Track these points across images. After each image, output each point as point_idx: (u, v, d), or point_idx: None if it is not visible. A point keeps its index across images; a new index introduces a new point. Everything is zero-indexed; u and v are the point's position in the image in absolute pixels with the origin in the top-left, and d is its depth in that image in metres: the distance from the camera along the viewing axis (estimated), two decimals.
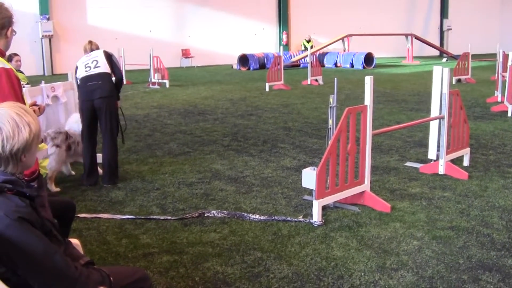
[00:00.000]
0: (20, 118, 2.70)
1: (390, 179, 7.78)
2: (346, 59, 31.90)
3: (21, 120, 2.70)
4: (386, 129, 8.13)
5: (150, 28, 32.24)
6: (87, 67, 7.71)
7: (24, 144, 2.70)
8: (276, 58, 21.09)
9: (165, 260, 5.11)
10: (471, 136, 9.78)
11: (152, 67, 22.18)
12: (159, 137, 11.10)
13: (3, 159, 2.69)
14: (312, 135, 11.10)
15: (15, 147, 2.67)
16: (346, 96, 17.42)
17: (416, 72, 27.67)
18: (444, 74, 7.79)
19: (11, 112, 2.70)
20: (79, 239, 3.99)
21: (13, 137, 2.66)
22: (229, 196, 7.10)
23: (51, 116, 8.64)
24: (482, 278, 4.68)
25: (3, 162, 2.70)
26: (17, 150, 2.69)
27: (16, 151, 2.68)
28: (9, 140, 2.65)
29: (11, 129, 2.66)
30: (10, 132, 2.66)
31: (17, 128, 2.67)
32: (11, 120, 2.67)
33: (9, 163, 2.71)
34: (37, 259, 2.60)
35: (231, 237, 5.68)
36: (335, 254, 5.22)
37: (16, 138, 2.67)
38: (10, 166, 2.72)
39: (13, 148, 2.67)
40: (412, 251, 5.27)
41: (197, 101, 17.09)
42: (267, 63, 29.60)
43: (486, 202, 6.74)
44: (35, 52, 28.57)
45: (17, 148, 2.68)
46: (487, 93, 17.48)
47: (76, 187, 7.66)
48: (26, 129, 2.70)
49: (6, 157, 2.68)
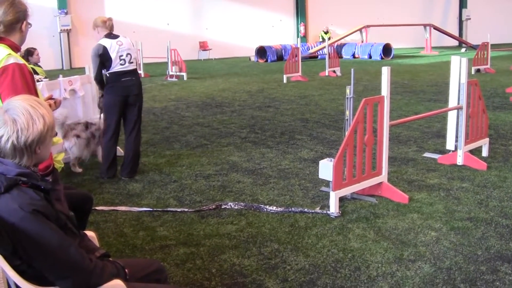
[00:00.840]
0: (34, 110, 2.70)
1: (408, 170, 7.73)
2: (364, 50, 31.80)
3: (36, 112, 2.71)
4: (404, 120, 8.09)
5: (167, 21, 32.30)
6: (121, 60, 7.52)
7: (38, 136, 2.70)
8: (293, 49, 21.02)
9: (182, 252, 5.12)
10: (490, 127, 9.71)
11: (170, 60, 22.18)
12: (176, 130, 11.12)
13: (18, 151, 2.70)
14: (329, 127, 11.07)
15: (29, 138, 2.68)
16: (364, 87, 17.35)
17: (435, 63, 27.49)
18: (462, 64, 7.72)
19: (26, 104, 2.71)
20: (96, 231, 4.01)
21: (27, 129, 2.67)
22: (246, 188, 7.10)
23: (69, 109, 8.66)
24: (501, 269, 4.64)
25: (18, 154, 2.71)
26: (31, 142, 2.69)
27: (30, 143, 2.69)
28: (24, 132, 2.66)
29: (26, 121, 2.67)
30: (24, 124, 2.66)
31: (32, 120, 2.68)
32: (25, 112, 2.68)
33: (23, 155, 2.72)
34: (52, 252, 2.61)
35: (248, 229, 5.68)
36: (352, 245, 5.20)
37: (30, 130, 2.67)
38: (24, 158, 2.73)
39: (28, 140, 2.67)
40: (430, 242, 5.24)
41: (214, 93, 17.10)
42: (285, 55, 29.59)
43: (505, 193, 6.68)
44: (54, 46, 28.73)
45: (32, 139, 2.69)
46: (506, 83, 17.33)
47: (93, 180, 7.70)
48: (40, 121, 2.70)
49: (21, 148, 2.69)
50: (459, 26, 45.21)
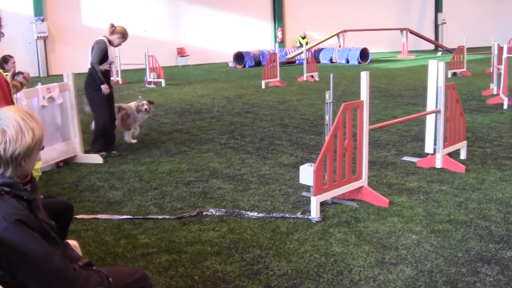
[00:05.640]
0: (24, 123, 2.69)
1: (388, 174, 7.78)
2: (342, 54, 31.91)
3: (26, 124, 2.69)
4: (383, 124, 8.13)
5: (145, 27, 32.18)
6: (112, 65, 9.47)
7: (26, 149, 2.69)
8: (271, 55, 21.07)
9: (164, 260, 5.11)
10: (468, 129, 9.80)
11: (148, 67, 22.12)
12: (156, 137, 11.10)
13: (3, 162, 2.68)
14: (309, 132, 11.10)
15: (16, 151, 2.66)
16: (342, 92, 17.41)
17: (412, 67, 27.69)
18: (440, 68, 7.78)
19: (17, 116, 2.69)
20: (77, 240, 3.99)
21: (16, 141, 2.65)
22: (227, 194, 7.10)
23: (47, 118, 8.61)
24: (481, 271, 4.68)
25: (3, 165, 2.69)
26: (18, 155, 2.67)
27: (17, 156, 2.67)
28: (12, 144, 2.64)
29: (15, 132, 2.65)
30: (13, 136, 2.65)
31: (21, 132, 2.66)
32: (15, 124, 2.66)
33: (8, 167, 2.70)
34: (36, 262, 2.60)
35: (230, 235, 5.68)
36: (334, 250, 5.22)
37: (19, 142, 2.66)
38: (9, 170, 2.71)
39: (15, 152, 2.66)
40: (411, 245, 5.27)
41: (193, 99, 17.08)
42: (263, 60, 29.58)
43: (483, 195, 6.75)
44: (30, 53, 28.50)
45: (19, 152, 2.67)
46: (482, 86, 17.48)
47: (73, 188, 7.65)
48: (29, 134, 2.69)
49: (7, 160, 2.67)
50: (435, 30, 45.57)
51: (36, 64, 28.84)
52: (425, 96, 8.38)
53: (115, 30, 9.36)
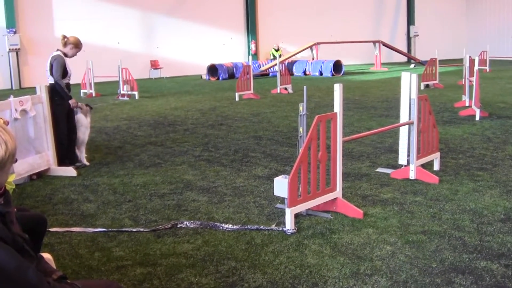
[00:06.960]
0: None
1: (362, 185, 7.82)
2: (315, 67, 32.04)
3: None
4: (357, 136, 8.17)
5: (118, 39, 32.09)
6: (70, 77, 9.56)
7: None
8: (245, 67, 21.09)
9: (138, 273, 5.08)
10: (441, 141, 9.88)
11: (121, 79, 22.01)
12: (129, 149, 11.04)
13: None
14: (283, 144, 11.12)
15: None
16: (316, 104, 17.49)
17: (385, 79, 27.89)
18: (413, 80, 7.85)
19: None
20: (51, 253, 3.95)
21: None
22: (201, 207, 7.08)
23: (20, 130, 8.54)
24: (455, 281, 4.72)
25: None
26: None
27: None
28: None
29: None
30: None
31: None
32: None
33: None
34: (10, 276, 2.56)
35: (205, 247, 5.66)
36: (309, 261, 5.23)
37: None
38: None
39: None
40: (386, 256, 5.30)
41: (167, 112, 17.03)
42: (236, 73, 29.65)
43: (457, 205, 6.80)
44: (2, 66, 28.29)
45: None
46: (455, 97, 17.69)
47: (46, 201, 7.58)
48: (2, 147, 2.65)
49: None
50: (407, 43, 45.99)
51: (8, 77, 28.61)
52: (398, 108, 8.44)
53: (68, 41, 9.54)
